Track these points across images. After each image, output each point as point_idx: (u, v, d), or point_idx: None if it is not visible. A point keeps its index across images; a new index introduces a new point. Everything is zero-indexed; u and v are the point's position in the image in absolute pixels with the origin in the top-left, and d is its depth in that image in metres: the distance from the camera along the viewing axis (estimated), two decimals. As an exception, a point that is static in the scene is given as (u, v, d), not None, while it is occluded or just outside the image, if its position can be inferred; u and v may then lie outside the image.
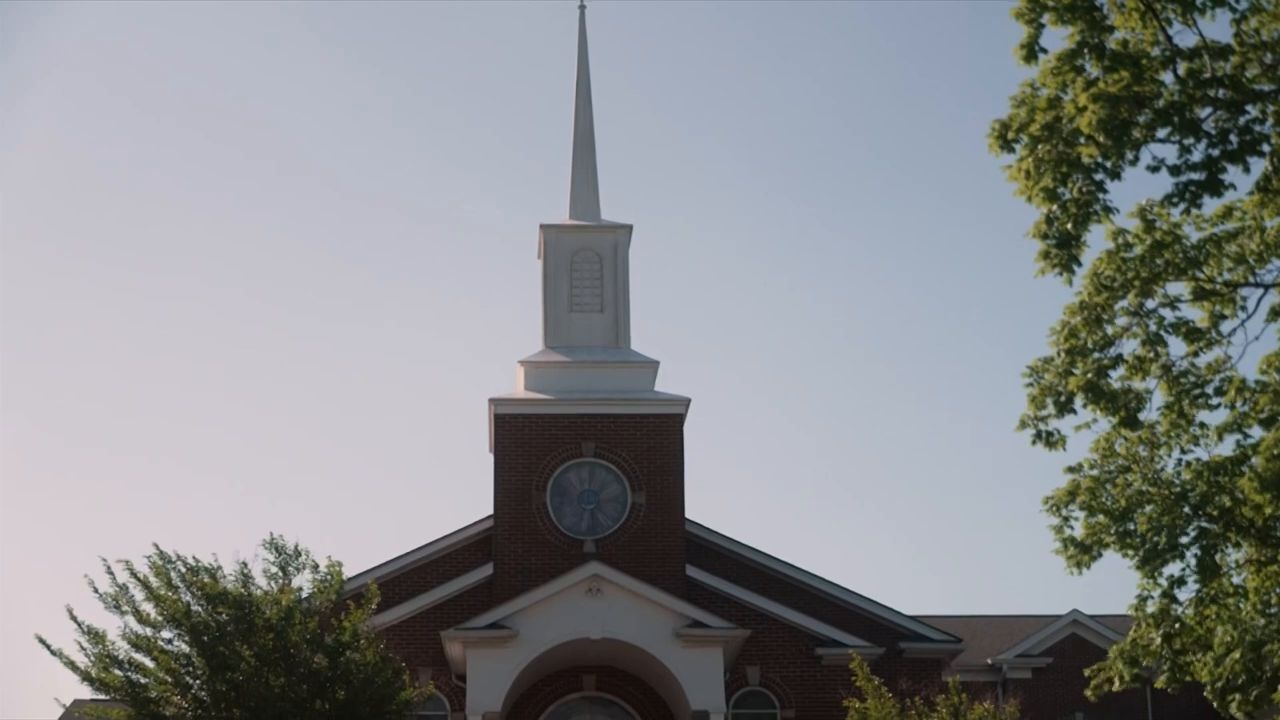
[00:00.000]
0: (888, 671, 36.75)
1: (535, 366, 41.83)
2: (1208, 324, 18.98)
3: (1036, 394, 18.90)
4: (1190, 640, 20.01)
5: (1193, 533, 19.30)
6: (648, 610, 37.18)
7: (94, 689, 28.77)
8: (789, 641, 40.10)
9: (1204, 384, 19.05)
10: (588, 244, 43.13)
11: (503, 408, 40.91)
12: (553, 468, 40.40)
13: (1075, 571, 19.75)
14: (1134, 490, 19.55)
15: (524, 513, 40.08)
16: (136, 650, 28.68)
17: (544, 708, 39.42)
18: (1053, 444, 19.11)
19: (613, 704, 39.60)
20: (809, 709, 39.44)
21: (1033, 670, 46.91)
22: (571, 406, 40.84)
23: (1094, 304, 18.68)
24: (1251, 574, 19.69)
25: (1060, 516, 19.84)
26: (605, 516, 40.35)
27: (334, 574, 29.94)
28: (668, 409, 41.11)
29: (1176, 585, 19.71)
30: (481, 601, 39.17)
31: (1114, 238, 18.78)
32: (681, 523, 40.50)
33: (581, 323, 42.54)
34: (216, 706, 28.42)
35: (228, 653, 28.25)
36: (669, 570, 39.59)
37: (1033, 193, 18.24)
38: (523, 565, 39.52)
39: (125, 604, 28.78)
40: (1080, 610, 47.69)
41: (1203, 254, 18.83)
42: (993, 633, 48.83)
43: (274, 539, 29.89)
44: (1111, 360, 18.76)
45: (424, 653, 38.16)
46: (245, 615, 28.62)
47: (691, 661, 36.98)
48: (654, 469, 40.51)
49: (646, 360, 42.03)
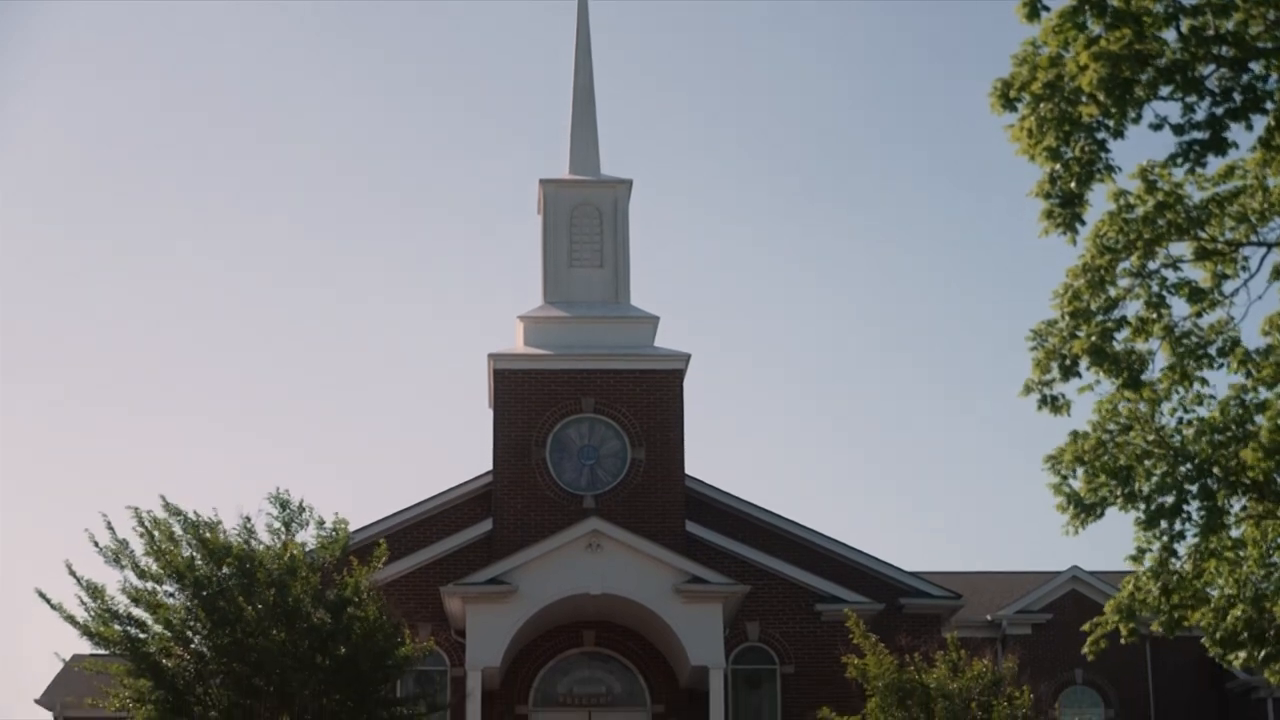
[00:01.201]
0: (887, 627, 36.78)
1: (535, 322, 41.74)
2: (1210, 284, 18.88)
3: (1041, 358, 18.79)
4: (1188, 594, 19.97)
5: (1194, 489, 19.23)
6: (647, 566, 37.18)
7: (93, 643, 28.79)
8: (789, 597, 40.13)
9: (1207, 344, 18.95)
10: (587, 199, 43.00)
11: (502, 363, 40.84)
12: (552, 423, 40.35)
13: (1075, 530, 19.68)
14: (1136, 448, 19.47)
15: (524, 468, 40.05)
16: (136, 605, 28.68)
17: (543, 663, 39.46)
18: (1058, 408, 19.02)
19: (612, 659, 39.65)
20: (808, 664, 39.49)
21: (1032, 626, 46.95)
22: (571, 362, 40.77)
23: (1097, 266, 18.56)
24: (1251, 527, 19.64)
25: (1060, 475, 19.76)
26: (605, 472, 40.32)
27: (340, 531, 29.90)
28: (667, 365, 41.04)
29: (1176, 539, 19.66)
30: (481, 557, 39.17)
31: (1116, 199, 18.67)
32: (681, 478, 40.47)
33: (581, 278, 42.43)
34: (217, 661, 28.44)
35: (229, 607, 28.25)
36: (669, 526, 39.58)
37: (1035, 152, 18.11)
38: (522, 521, 39.52)
39: (125, 558, 28.77)
40: (1080, 567, 47.70)
41: (1205, 214, 18.71)
42: (993, 589, 48.86)
43: (278, 494, 29.87)
44: (1116, 322, 18.66)
45: (423, 608, 38.18)
46: (247, 570, 28.61)
47: (691, 617, 36.99)
48: (654, 425, 40.46)
49: (646, 316, 41.94)
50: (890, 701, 29.99)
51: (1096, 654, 21.05)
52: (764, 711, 39.95)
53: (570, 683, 39.59)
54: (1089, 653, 21.04)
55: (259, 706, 28.38)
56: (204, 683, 28.52)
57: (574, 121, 44.44)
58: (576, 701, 39.46)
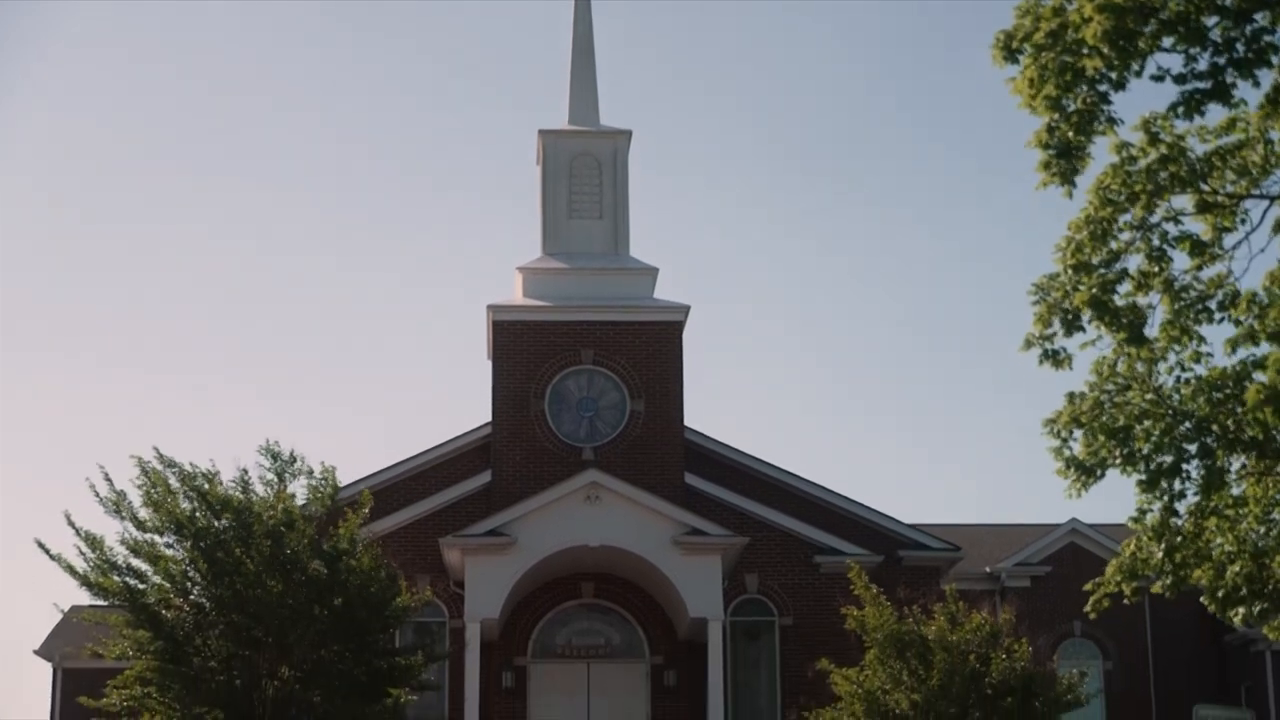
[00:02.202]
0: (886, 579, 36.78)
1: (533, 273, 41.62)
2: (1211, 237, 18.77)
3: (1043, 311, 18.68)
4: (1190, 553, 19.93)
5: (1194, 448, 19.16)
6: (646, 518, 37.17)
7: (92, 594, 28.74)
8: (788, 549, 40.14)
9: (1206, 298, 18.85)
10: (587, 149, 42.80)
11: (501, 314, 40.75)
12: (551, 375, 40.28)
13: (1076, 494, 19.62)
14: (1134, 408, 19.39)
15: (522, 420, 40.00)
16: (135, 556, 28.66)
17: (542, 615, 39.50)
18: (1059, 363, 18.93)
19: (611, 611, 39.68)
20: (807, 616, 39.53)
21: (1031, 579, 47.01)
22: (570, 314, 40.67)
23: (1099, 218, 18.46)
24: (1252, 484, 19.58)
25: (1060, 438, 19.68)
26: (604, 424, 40.27)
27: (328, 479, 29.87)
28: (667, 316, 40.94)
29: (1177, 498, 19.61)
30: (480, 508, 39.16)
31: (1118, 150, 18.55)
32: (680, 430, 40.43)
33: (580, 229, 42.29)
34: (216, 612, 28.44)
35: (227, 559, 28.24)
36: (668, 478, 39.55)
37: (1036, 102, 17.99)
38: (521, 473, 39.49)
39: (124, 510, 28.73)
40: (1079, 520, 47.74)
41: (1207, 167, 18.60)
42: (991, 541, 48.89)
43: (270, 445, 29.80)
44: (1117, 275, 18.55)
45: (422, 559, 38.19)
46: (245, 522, 28.59)
47: (690, 569, 37.01)
48: (653, 376, 40.40)
49: (646, 267, 41.82)
50: (888, 653, 29.99)
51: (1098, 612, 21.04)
52: (762, 663, 40.01)
53: (569, 634, 39.64)
54: (1091, 612, 21.02)
55: (258, 657, 28.40)
56: (203, 634, 28.52)
57: (573, 72, 44.22)
58: (575, 653, 39.51)
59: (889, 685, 29.81)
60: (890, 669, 29.84)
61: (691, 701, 38.60)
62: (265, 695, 28.10)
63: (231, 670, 28.31)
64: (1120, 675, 47.14)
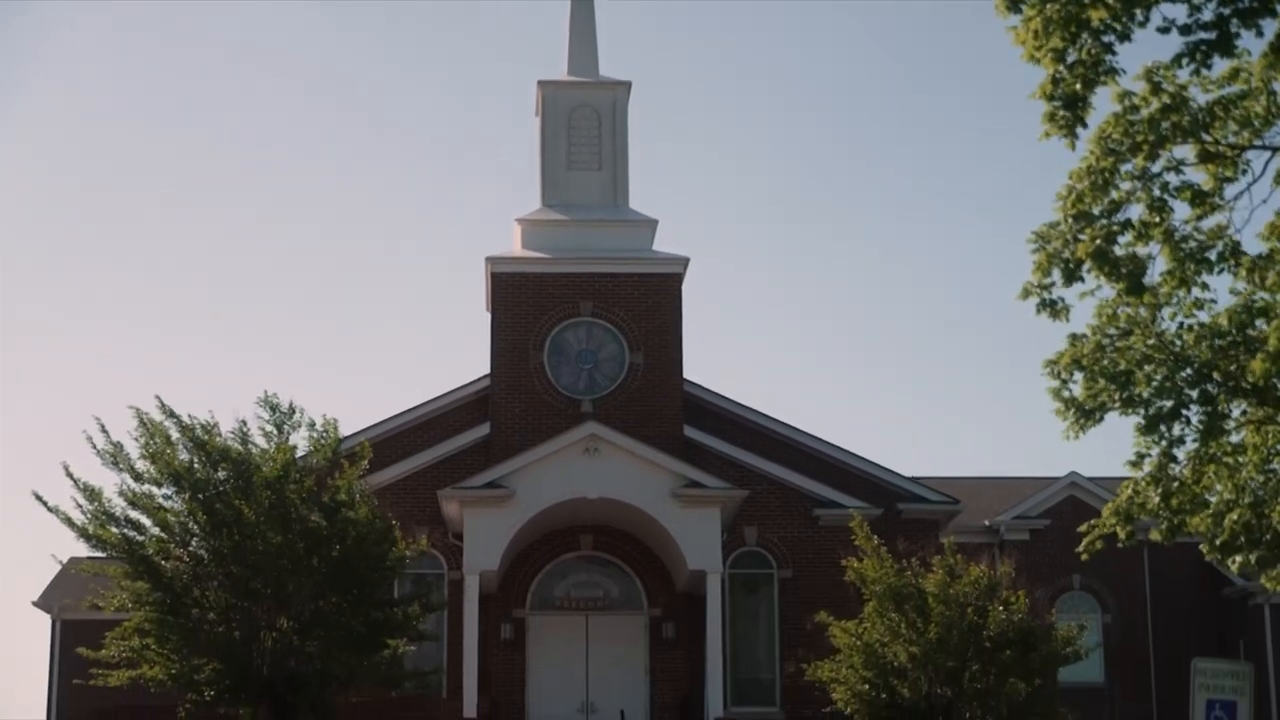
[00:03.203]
0: (885, 532, 36.72)
1: (533, 225, 41.49)
2: (1212, 187, 18.65)
3: (1042, 260, 18.56)
4: (1188, 499, 19.87)
5: (1195, 394, 19.08)
6: (645, 470, 37.13)
7: (91, 546, 28.73)
8: (787, 502, 40.13)
9: (1206, 249, 18.75)
10: (586, 101, 42.59)
11: (500, 266, 40.63)
12: (550, 327, 40.19)
13: (1074, 435, 19.55)
14: (1136, 353, 19.31)
15: (521, 372, 39.93)
16: (134, 507, 28.63)
17: (541, 567, 39.52)
18: (1057, 313, 18.82)
19: (609, 563, 39.71)
20: (806, 569, 39.55)
21: (1030, 532, 47.01)
22: (569, 265, 40.54)
23: (1101, 168, 18.32)
24: (1251, 432, 19.51)
25: (1060, 379, 19.61)
26: (603, 376, 40.20)
27: (329, 431, 29.83)
28: (666, 268, 40.83)
29: (1176, 445, 19.54)
30: (479, 461, 39.13)
31: (1120, 100, 18.41)
32: (679, 383, 40.36)
33: (579, 181, 42.12)
34: (215, 563, 28.44)
35: (226, 510, 28.22)
36: (667, 430, 39.50)
37: (1040, 54, 17.84)
38: (520, 425, 39.44)
39: (122, 461, 28.68)
40: (1078, 473, 47.71)
41: (1209, 117, 18.46)
42: (991, 494, 48.86)
43: (269, 397, 29.74)
44: (1120, 225, 18.44)
45: (421, 511, 38.17)
46: (244, 473, 28.55)
47: (689, 521, 36.99)
48: (652, 329, 40.31)
49: (645, 219, 41.68)
50: (887, 606, 29.99)
51: (1092, 555, 20.95)
52: (761, 615, 40.05)
53: (568, 586, 39.67)
54: (1083, 553, 20.97)
55: (256, 608, 28.43)
56: (201, 585, 28.54)
57: (572, 23, 43.98)
58: (574, 605, 39.55)
59: (887, 638, 29.82)
60: (889, 621, 29.84)
61: (690, 653, 38.65)
62: (264, 646, 28.15)
63: (230, 621, 28.34)
64: (1119, 628, 47.19)
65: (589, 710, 38.79)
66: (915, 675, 29.43)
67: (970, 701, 29.27)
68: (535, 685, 38.98)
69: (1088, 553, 20.86)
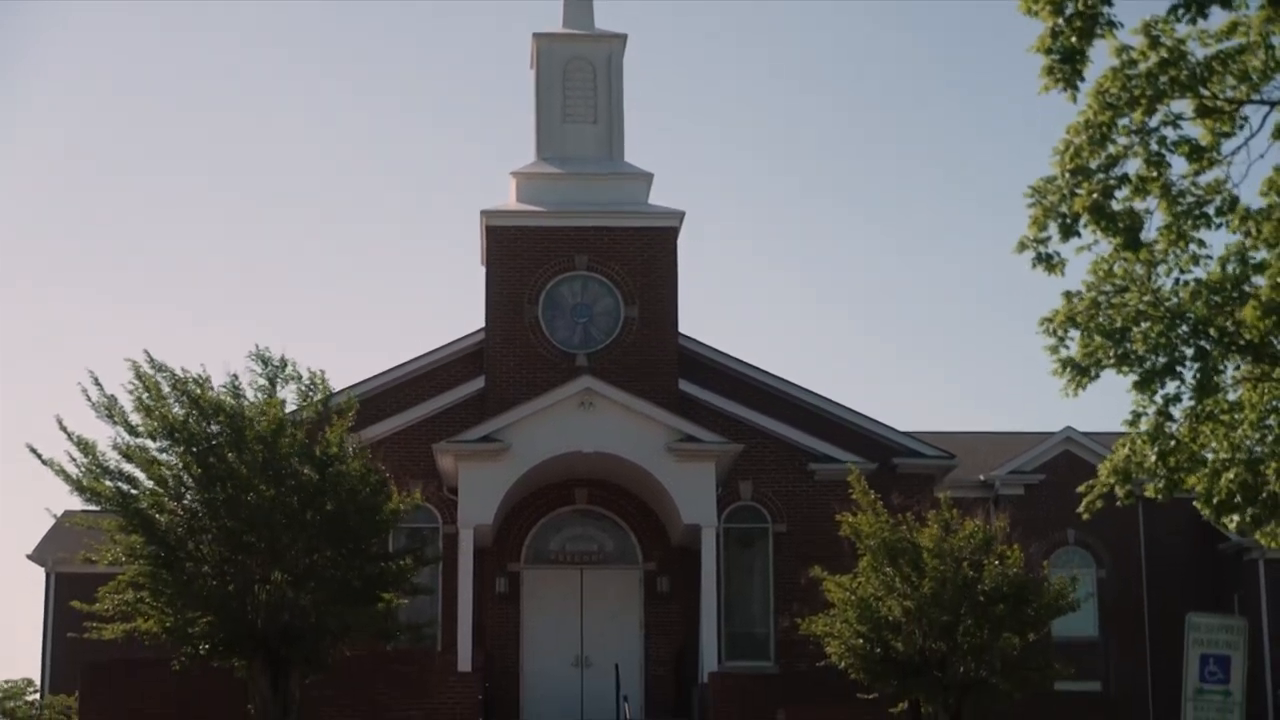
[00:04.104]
0: (880, 487, 36.59)
1: (528, 178, 41.34)
2: (1210, 142, 18.56)
3: (1038, 214, 18.50)
4: (1185, 457, 19.82)
5: (1190, 351, 19.03)
6: (640, 424, 37.10)
7: (85, 499, 28.64)
8: (782, 456, 40.12)
9: (1204, 204, 18.66)
10: (581, 53, 42.34)
11: (495, 219, 40.50)
12: (545, 281, 40.09)
13: (1072, 394, 19.50)
14: (1131, 309, 19.25)
15: (516, 326, 39.84)
16: (127, 461, 28.56)
17: (536, 521, 39.52)
18: (1053, 267, 18.77)
19: (604, 517, 39.70)
20: (801, 523, 39.56)
21: (1025, 487, 47.01)
22: (564, 219, 40.42)
23: (1098, 122, 18.24)
24: (1248, 390, 19.46)
25: (1056, 338, 19.54)
26: (598, 330, 40.11)
27: (318, 384, 29.74)
28: (662, 222, 40.69)
29: (1172, 403, 19.49)
30: (473, 415, 39.08)
31: (1118, 54, 18.32)
32: (674, 337, 40.28)
33: (574, 134, 41.92)
34: (209, 517, 28.39)
35: (219, 464, 28.16)
36: (662, 384, 39.43)
37: (1038, 6, 17.75)
38: (514, 379, 39.37)
39: (116, 414, 28.61)
40: (1074, 428, 47.70)
41: (1207, 71, 18.37)
42: (986, 449, 48.84)
43: (260, 350, 29.62)
44: (1116, 180, 18.36)
45: (416, 465, 38.11)
46: (236, 427, 28.48)
47: (684, 475, 37.00)
48: (647, 283, 40.20)
49: (640, 172, 41.53)
50: (881, 560, 29.96)
51: (1077, 495, 20.93)
52: (756, 570, 40.06)
53: (562, 540, 39.67)
54: (1084, 513, 20.93)
55: (250, 562, 28.38)
56: (195, 538, 28.48)
57: (568, -27, 43.70)
58: (568, 559, 39.56)
59: (882, 592, 29.80)
60: (883, 576, 29.82)
61: (684, 608, 38.69)
62: (258, 599, 28.12)
63: (224, 575, 28.30)
64: (1113, 583, 47.24)
65: (583, 664, 38.85)
66: (909, 629, 29.43)
67: (964, 655, 29.28)
68: (530, 639, 39.03)
69: (1088, 512, 20.83)
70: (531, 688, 38.74)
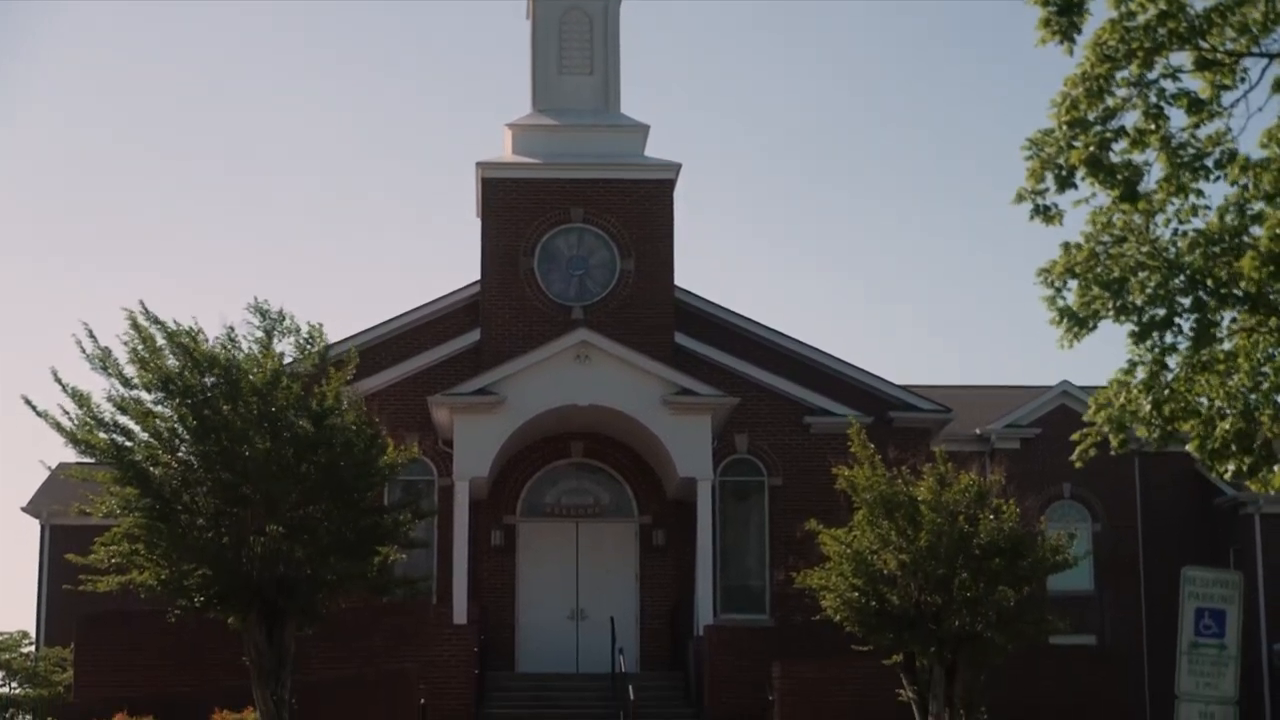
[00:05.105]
0: (876, 441, 36.45)
1: (523, 130, 41.19)
2: (1209, 95, 18.47)
3: (1036, 167, 18.42)
4: (1180, 407, 19.77)
5: (1188, 302, 18.95)
6: (636, 377, 37.09)
7: (79, 451, 28.54)
8: (778, 410, 40.09)
9: (1204, 156, 18.57)
10: (577, 4, 42.07)
11: (490, 171, 40.38)
12: (541, 233, 39.99)
13: (1069, 344, 19.43)
14: (1130, 260, 19.16)
15: (511, 278, 39.76)
16: (122, 413, 28.46)
17: (532, 474, 39.54)
18: (1051, 218, 18.70)
19: (600, 470, 39.72)
20: (796, 476, 39.57)
21: (1021, 441, 46.96)
22: (560, 171, 40.30)
23: (1095, 75, 18.14)
24: (1244, 339, 19.39)
25: (1054, 288, 19.46)
26: (594, 283, 40.03)
27: (315, 337, 29.63)
28: (658, 174, 40.57)
29: (1168, 352, 19.42)
30: (469, 367, 39.04)
31: (1116, 5, 18.20)
32: (671, 290, 40.21)
33: (570, 85, 41.75)
34: (204, 469, 28.31)
35: (214, 416, 28.07)
36: (658, 338, 39.38)
37: (1035, -43, 17.64)
38: (510, 331, 39.31)
39: (111, 366, 28.49)
40: (1070, 382, 47.63)
41: (1206, 23, 18.26)
42: (982, 403, 48.78)
43: (258, 302, 29.50)
44: (1114, 132, 18.27)
45: (411, 418, 38.10)
46: (232, 379, 28.38)
47: (680, 429, 37.02)
48: (643, 235, 40.11)
49: (636, 124, 41.37)
50: (877, 514, 29.92)
51: (1086, 462, 20.86)
52: (751, 523, 40.09)
53: (558, 493, 39.69)
54: (1077, 460, 20.89)
55: (245, 514, 28.31)
56: (190, 490, 28.39)
57: (564, -76, 43.43)
58: (564, 512, 39.59)
59: (877, 546, 29.77)
60: (879, 529, 29.78)
61: (679, 560, 38.74)
62: (253, 551, 28.06)
63: (219, 527, 28.22)
64: (1109, 537, 47.26)
65: (579, 617, 38.92)
66: (905, 583, 29.41)
67: (959, 609, 29.26)
68: (525, 592, 39.10)
69: (1081, 461, 20.78)
70: (527, 640, 38.82)
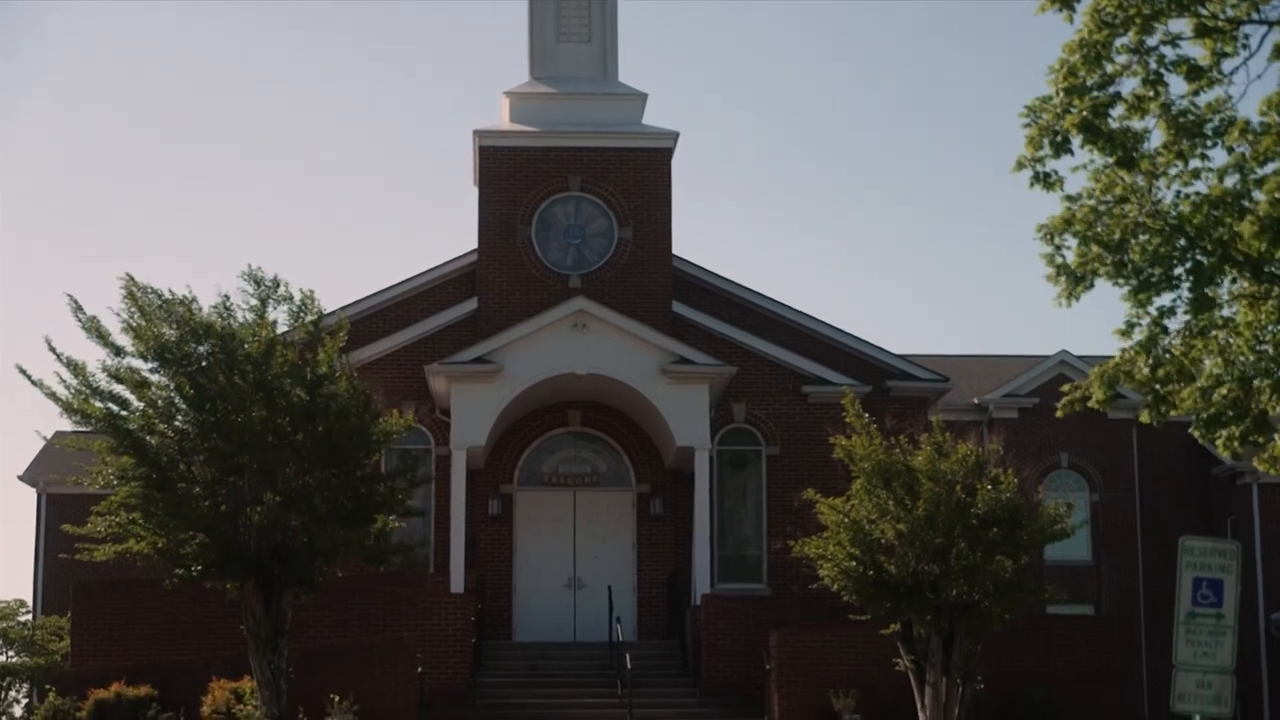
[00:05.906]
0: (873, 410, 36.54)
1: (521, 98, 41.04)
2: (1209, 62, 18.37)
3: (1034, 134, 18.33)
4: (1175, 369, 19.69)
5: (1187, 264, 18.86)
6: (634, 346, 37.03)
7: (75, 421, 28.48)
8: (775, 379, 40.02)
9: (1204, 123, 18.47)
10: (575, -29, 41.93)
11: (487, 140, 40.26)
12: (538, 201, 39.88)
13: (1065, 303, 19.34)
14: (1130, 220, 19.06)
15: (509, 247, 39.67)
16: (117, 382, 28.38)
17: (529, 442, 39.50)
18: (1050, 185, 18.62)
19: (598, 439, 39.68)
20: (794, 445, 39.52)
21: (1019, 410, 46.88)
22: (557, 139, 40.17)
23: (1094, 41, 18.03)
24: (1244, 308, 19.30)
25: (1053, 245, 19.37)
26: (591, 252, 39.94)
27: (309, 305, 29.52)
28: (655, 143, 40.44)
29: (1166, 315, 19.33)
30: (466, 336, 38.98)
31: (1115, -28, 18.09)
32: (668, 259, 40.12)
33: (569, 53, 41.57)
34: (200, 438, 28.25)
35: (210, 385, 28.01)
36: (656, 306, 39.32)
37: (1037, -73, 17.55)
38: (507, 300, 39.24)
39: (102, 334, 28.40)
40: (1068, 351, 47.55)
41: (1207, -12, 18.15)
42: (980, 373, 48.73)
43: (252, 270, 29.40)
44: (1110, 98, 18.17)
45: (408, 387, 38.05)
46: (227, 348, 28.31)
47: (677, 398, 36.98)
48: (641, 204, 40.00)
49: (634, 93, 41.22)
50: (875, 483, 29.87)
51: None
52: (749, 492, 40.06)
53: (556, 462, 39.66)
54: (1060, 412, 20.89)
55: (242, 482, 28.27)
56: (186, 459, 28.34)
57: (561, -108, 43.22)
58: (562, 481, 39.56)
59: (875, 515, 29.73)
60: (876, 499, 29.74)
61: (677, 529, 38.74)
62: (250, 520, 28.03)
63: (216, 496, 28.18)
64: (1106, 507, 47.20)
65: (576, 585, 38.93)
66: (902, 552, 29.37)
67: (957, 578, 29.22)
68: (523, 561, 39.12)
69: (1064, 412, 20.78)
70: (524, 609, 38.84)
